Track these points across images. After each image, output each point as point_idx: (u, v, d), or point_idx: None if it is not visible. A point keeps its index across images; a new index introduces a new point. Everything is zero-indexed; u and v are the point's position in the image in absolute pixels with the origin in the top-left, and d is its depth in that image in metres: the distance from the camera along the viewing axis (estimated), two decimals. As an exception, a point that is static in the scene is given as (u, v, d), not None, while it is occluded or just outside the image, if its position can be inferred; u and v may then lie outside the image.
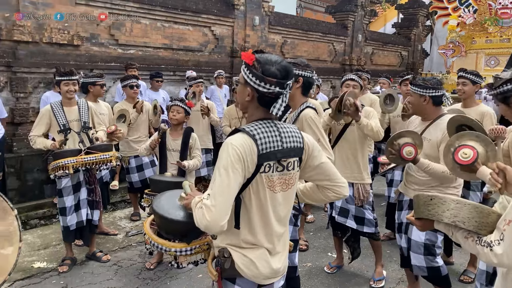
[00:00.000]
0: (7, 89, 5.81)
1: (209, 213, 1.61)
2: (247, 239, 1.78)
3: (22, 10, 5.86)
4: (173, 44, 8.01)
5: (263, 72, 1.70)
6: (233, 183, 1.64)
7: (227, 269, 1.79)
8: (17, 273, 3.96)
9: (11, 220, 1.47)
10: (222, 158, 1.67)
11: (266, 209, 1.77)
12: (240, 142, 1.68)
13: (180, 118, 4.06)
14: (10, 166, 5.58)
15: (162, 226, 2.00)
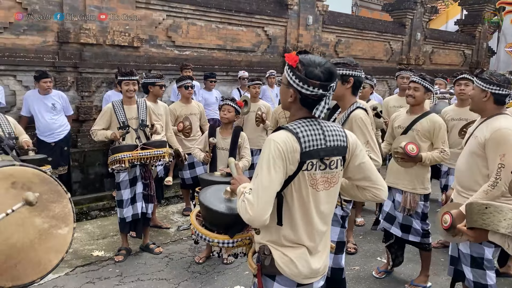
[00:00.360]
0: (73, 88, 6.24)
1: (251, 208, 1.64)
2: (288, 236, 1.79)
3: (88, 15, 6.27)
4: (226, 45, 8.17)
5: (306, 75, 1.70)
6: (275, 179, 1.66)
7: (267, 266, 1.80)
8: (78, 260, 4.27)
9: (65, 202, 1.60)
10: (264, 154, 1.69)
11: (308, 207, 1.77)
12: (283, 139, 1.69)
13: (230, 117, 4.14)
14: (75, 160, 6.00)
15: (207, 218, 2.07)
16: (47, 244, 1.51)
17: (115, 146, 4.05)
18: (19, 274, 1.43)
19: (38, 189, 1.51)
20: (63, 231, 1.57)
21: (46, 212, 1.53)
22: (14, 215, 1.41)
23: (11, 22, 5.74)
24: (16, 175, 1.46)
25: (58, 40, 6.13)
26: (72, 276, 3.94)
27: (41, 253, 1.48)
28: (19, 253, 1.42)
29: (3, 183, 1.42)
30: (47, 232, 1.51)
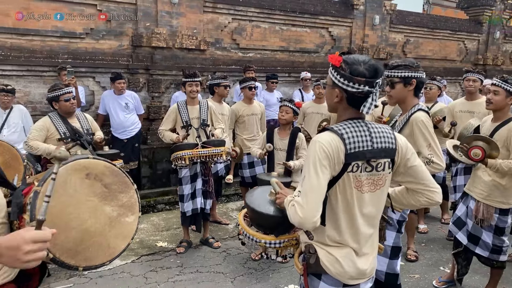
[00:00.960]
0: (145, 89, 6.67)
1: (301, 210, 1.65)
2: (332, 237, 1.79)
3: (159, 20, 6.67)
4: (289, 46, 8.23)
5: (351, 72, 1.70)
6: (322, 180, 1.67)
7: (313, 265, 1.82)
8: (144, 249, 4.56)
9: (132, 193, 1.74)
10: (310, 156, 1.71)
11: (352, 208, 1.76)
12: (328, 140, 1.70)
13: (288, 118, 4.18)
14: (144, 156, 6.41)
15: (253, 219, 2.13)
16: (116, 231, 1.65)
17: (177, 144, 4.29)
18: (92, 256, 1.57)
19: (108, 180, 1.66)
20: (130, 219, 1.70)
21: (115, 201, 1.67)
22: (87, 203, 1.57)
23: (92, 28, 6.28)
24: (90, 167, 1.62)
25: (132, 44, 6.60)
26: (138, 264, 4.22)
27: (111, 238, 1.62)
28: (92, 237, 1.57)
29: (79, 173, 1.58)
30: (115, 219, 1.65)
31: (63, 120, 4.06)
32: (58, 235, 1.43)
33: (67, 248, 1.49)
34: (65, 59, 6.04)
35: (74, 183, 1.56)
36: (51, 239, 1.26)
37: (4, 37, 5.72)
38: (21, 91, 5.76)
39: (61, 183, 1.52)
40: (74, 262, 1.52)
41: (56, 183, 1.47)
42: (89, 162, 1.64)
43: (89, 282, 3.80)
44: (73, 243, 1.51)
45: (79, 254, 1.53)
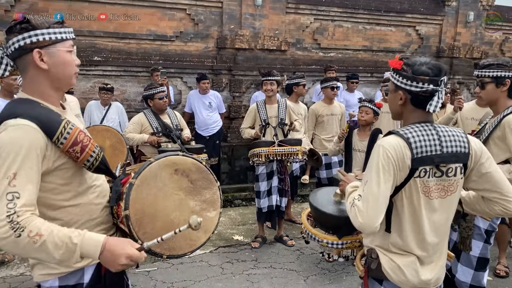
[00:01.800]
0: (227, 89, 6.95)
1: (361, 216, 1.63)
2: (396, 243, 1.74)
3: (243, 22, 6.90)
4: (373, 46, 8.00)
5: (413, 73, 1.67)
6: (384, 186, 1.62)
7: (374, 270, 1.78)
8: (221, 241, 4.78)
9: (215, 190, 1.82)
10: (374, 161, 1.66)
11: (419, 215, 1.69)
12: (392, 145, 1.65)
13: (368, 119, 4.07)
14: (224, 153, 6.69)
15: (316, 218, 2.14)
16: None
17: (255, 141, 4.43)
18: (175, 246, 1.69)
19: (194, 176, 1.76)
20: (211, 214, 1.79)
21: (199, 196, 1.77)
22: (174, 196, 1.69)
23: (181, 31, 6.71)
24: (179, 163, 1.73)
25: (217, 46, 6.92)
26: (215, 254, 4.44)
27: (193, 231, 1.73)
28: (176, 228, 1.67)
29: (169, 169, 1.70)
30: (198, 213, 1.73)
31: (155, 116, 4.43)
32: (147, 224, 1.59)
33: (154, 237, 1.60)
34: (157, 60, 6.53)
35: (163, 177, 1.68)
36: (141, 227, 1.48)
37: (107, 41, 6.35)
38: (118, 90, 6.35)
39: (153, 176, 1.65)
40: (160, 250, 1.64)
41: (148, 176, 1.63)
42: (178, 158, 1.74)
43: (171, 268, 4.09)
44: (160, 233, 1.61)
45: (164, 243, 1.62)
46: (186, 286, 3.74)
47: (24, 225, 1.30)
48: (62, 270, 1.53)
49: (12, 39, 1.46)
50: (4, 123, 1.40)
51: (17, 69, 1.54)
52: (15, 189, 1.32)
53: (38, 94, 1.52)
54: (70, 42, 1.56)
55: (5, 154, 1.34)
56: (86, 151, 1.51)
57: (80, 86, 6.16)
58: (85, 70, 6.14)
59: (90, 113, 5.66)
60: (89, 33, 6.23)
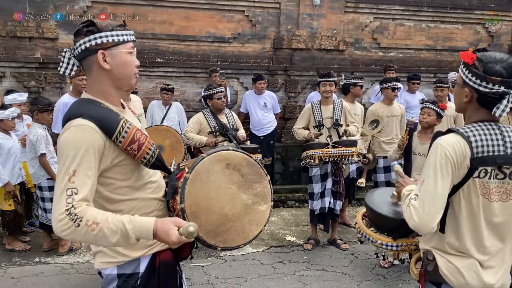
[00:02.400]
0: (282, 89, 6.97)
1: (417, 215, 1.59)
2: (453, 245, 1.66)
3: (300, 22, 6.88)
4: (437, 45, 7.63)
5: (485, 71, 1.56)
6: (441, 186, 1.57)
7: (431, 272, 1.71)
8: (273, 241, 4.80)
9: (265, 183, 1.84)
10: (431, 160, 1.61)
11: (478, 217, 1.61)
12: (451, 143, 1.58)
13: (431, 121, 3.88)
14: (278, 153, 6.71)
15: (372, 219, 2.08)
16: (250, 217, 1.78)
17: (309, 143, 4.39)
18: (228, 239, 1.73)
19: (245, 170, 1.80)
20: (263, 207, 1.82)
21: (250, 190, 1.80)
22: (227, 190, 1.74)
23: (239, 33, 6.83)
24: (230, 158, 1.78)
25: (273, 47, 6.96)
26: (267, 254, 4.47)
27: (245, 223, 1.76)
28: (229, 221, 1.73)
29: (220, 164, 1.75)
30: (250, 207, 1.78)
31: (213, 116, 4.56)
32: (202, 217, 1.64)
33: (209, 230, 1.67)
34: (215, 61, 6.70)
35: (216, 171, 1.73)
36: (196, 220, 1.55)
37: (168, 43, 6.63)
38: (178, 90, 6.59)
39: (206, 171, 1.71)
40: (214, 242, 1.69)
41: (201, 171, 1.69)
42: (229, 153, 1.79)
43: (224, 264, 4.18)
44: (214, 226, 1.68)
45: (218, 236, 1.69)
46: (239, 283, 3.80)
47: (82, 216, 1.39)
48: (120, 259, 1.62)
49: (79, 41, 1.56)
50: (68, 122, 1.51)
51: (82, 69, 1.64)
52: (74, 185, 1.42)
53: (100, 94, 1.61)
54: (131, 44, 1.63)
55: (67, 153, 1.45)
56: (143, 148, 1.58)
57: (143, 87, 6.49)
58: (148, 72, 6.46)
59: (152, 112, 5.93)
60: (152, 35, 6.54)
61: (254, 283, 3.80)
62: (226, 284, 3.76)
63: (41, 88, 6.07)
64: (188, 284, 3.71)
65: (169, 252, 1.71)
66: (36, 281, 3.75)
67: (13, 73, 5.97)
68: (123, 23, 1.63)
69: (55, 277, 3.82)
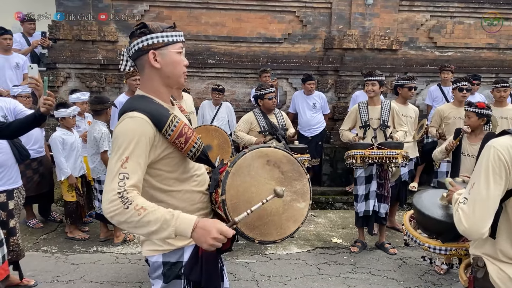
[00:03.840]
0: (332, 90, 6.89)
1: (466, 220, 1.54)
2: (506, 252, 1.58)
3: (352, 22, 6.77)
4: (499, 44, 7.19)
5: None
6: (493, 190, 1.50)
7: (480, 280, 1.65)
8: (319, 242, 4.77)
9: (305, 181, 1.85)
10: (483, 162, 1.55)
11: None
12: (505, 145, 1.51)
13: (471, 123, 3.77)
14: (326, 154, 6.65)
15: (419, 221, 2.03)
16: (288, 213, 1.80)
17: (352, 143, 4.31)
18: (266, 232, 1.76)
19: (285, 167, 1.83)
20: (301, 205, 1.83)
21: (289, 187, 1.82)
22: (266, 185, 1.77)
23: (289, 33, 6.85)
24: (270, 155, 1.82)
25: (324, 47, 6.91)
26: (313, 254, 4.45)
27: (283, 219, 1.78)
28: (268, 216, 1.76)
29: (261, 160, 1.80)
30: (289, 203, 1.80)
31: (263, 116, 4.62)
32: (241, 209, 1.68)
33: (247, 222, 1.71)
34: (265, 62, 6.77)
35: (256, 167, 1.78)
36: (236, 212, 1.61)
37: (220, 44, 6.80)
38: (229, 91, 6.73)
39: (247, 166, 1.76)
40: (252, 234, 1.73)
41: (242, 165, 1.75)
42: (270, 150, 1.84)
43: (269, 262, 4.22)
44: (252, 218, 1.72)
45: (256, 229, 1.74)
46: (283, 281, 3.83)
47: (132, 200, 1.48)
48: (165, 247, 1.71)
49: (133, 42, 1.68)
50: (124, 115, 1.63)
51: (136, 69, 1.76)
52: (126, 171, 1.52)
53: (152, 91, 1.72)
54: (180, 44, 1.72)
55: (121, 140, 1.55)
56: (189, 142, 1.67)
57: (195, 87, 6.70)
58: (200, 72, 6.66)
59: (203, 112, 6.12)
60: (205, 37, 6.73)
61: (298, 283, 3.81)
62: (270, 282, 3.80)
63: (101, 88, 6.47)
64: (233, 279, 3.79)
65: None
66: (93, 268, 4.01)
67: (77, 74, 6.42)
68: (173, 25, 1.72)
69: (110, 266, 4.07)
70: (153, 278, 1.76)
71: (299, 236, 4.92)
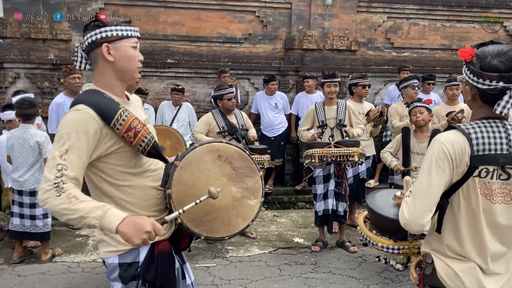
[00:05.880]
0: (293, 90, 6.90)
1: (408, 212, 1.54)
2: (452, 247, 1.59)
3: (312, 22, 6.81)
4: (452, 45, 7.46)
5: (481, 68, 1.49)
6: (436, 182, 1.51)
7: (429, 276, 1.65)
8: (281, 242, 4.75)
9: (257, 179, 1.85)
10: (427, 156, 1.56)
11: (478, 219, 1.54)
12: (450, 140, 1.52)
13: (425, 117, 3.95)
14: (288, 154, 6.66)
15: (373, 221, 2.03)
16: (238, 210, 1.79)
17: (310, 142, 4.32)
18: (213, 229, 1.75)
19: (237, 163, 1.82)
20: (252, 202, 1.83)
21: (241, 184, 1.81)
22: (216, 181, 1.76)
23: (250, 33, 6.81)
24: (222, 150, 1.80)
25: (284, 47, 6.92)
26: (274, 255, 4.41)
27: (232, 216, 1.77)
28: (216, 212, 1.74)
29: (212, 154, 1.78)
30: (239, 200, 1.79)
31: (223, 116, 4.55)
32: (187, 204, 1.65)
33: (193, 218, 1.70)
34: (225, 62, 6.69)
35: (207, 162, 1.75)
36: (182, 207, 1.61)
37: (179, 44, 6.66)
38: (189, 91, 6.60)
39: (196, 160, 1.74)
40: (198, 230, 1.72)
41: (191, 160, 1.71)
42: (222, 145, 1.81)
43: (229, 265, 4.14)
44: (199, 214, 1.70)
45: (202, 225, 1.72)
46: (244, 284, 3.76)
47: (66, 189, 1.49)
48: (120, 248, 1.68)
49: (87, 35, 1.68)
50: (72, 107, 1.62)
51: (89, 62, 1.74)
52: (65, 163, 1.51)
53: (104, 85, 1.71)
54: (135, 39, 1.72)
55: (63, 132, 1.55)
56: (139, 136, 1.66)
57: (154, 87, 6.53)
58: (159, 72, 6.50)
59: (162, 113, 5.97)
60: (163, 37, 6.57)
61: (259, 285, 3.75)
62: (230, 286, 3.73)
63: (54, 89, 6.17)
64: (193, 284, 3.69)
65: (167, 242, 1.77)
66: (43, 279, 3.79)
67: (27, 74, 6.09)
68: (129, 21, 1.74)
69: (61, 276, 3.86)
70: (112, 280, 1.74)
71: (261, 237, 4.88)
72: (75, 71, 4.83)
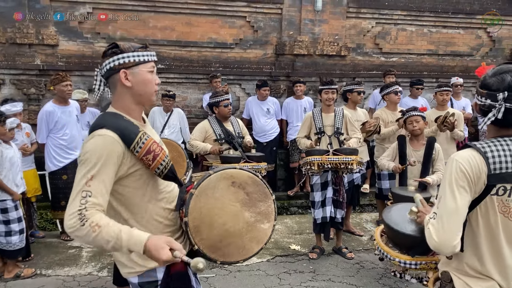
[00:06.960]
0: (285, 95, 6.91)
1: (436, 234, 1.55)
2: (472, 265, 1.61)
3: (302, 28, 6.84)
4: (439, 50, 7.61)
5: (480, 86, 1.60)
6: (460, 202, 1.53)
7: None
8: (278, 250, 4.74)
9: (270, 202, 1.89)
10: (447, 176, 1.58)
11: (497, 237, 1.56)
12: (467, 159, 1.55)
13: (421, 126, 4.05)
14: (281, 159, 6.66)
15: (390, 236, 2.04)
16: (251, 234, 1.82)
17: (309, 149, 4.33)
18: (228, 253, 1.78)
19: (250, 188, 1.84)
20: (265, 226, 1.86)
21: (254, 208, 1.84)
22: (230, 207, 1.78)
23: (241, 39, 6.78)
24: (236, 176, 1.82)
25: (275, 53, 6.92)
26: (272, 264, 4.40)
27: (246, 240, 1.80)
28: (230, 237, 1.77)
29: (226, 181, 1.80)
30: (252, 224, 1.82)
31: (219, 124, 4.51)
32: (203, 231, 1.71)
33: (209, 244, 1.73)
34: (216, 67, 6.65)
35: (221, 188, 1.78)
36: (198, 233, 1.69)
37: (170, 49, 6.58)
38: (180, 96, 6.53)
39: (211, 187, 1.76)
40: (214, 256, 1.74)
41: (206, 187, 1.74)
42: (236, 172, 1.84)
43: (229, 275, 4.11)
44: (215, 240, 1.73)
45: (218, 250, 1.75)
46: (244, 294, 3.74)
47: (89, 217, 1.51)
48: (137, 269, 1.74)
49: (105, 61, 1.74)
50: (93, 132, 1.65)
51: (109, 87, 1.79)
52: (90, 189, 1.55)
53: (123, 108, 1.76)
54: (152, 64, 1.77)
55: (89, 158, 1.58)
56: (157, 159, 1.70)
57: (144, 93, 6.41)
58: (149, 78, 6.39)
59: (153, 119, 5.87)
60: (153, 42, 6.48)
61: (260, 295, 3.74)
62: (231, 296, 3.70)
63: (41, 95, 6.01)
64: (193, 296, 3.64)
65: (181, 263, 1.76)
66: (38, 294, 3.68)
67: (13, 80, 5.91)
68: (146, 45, 1.78)
69: (57, 290, 3.76)
70: None
71: (257, 245, 4.85)
72: (67, 78, 4.72)
